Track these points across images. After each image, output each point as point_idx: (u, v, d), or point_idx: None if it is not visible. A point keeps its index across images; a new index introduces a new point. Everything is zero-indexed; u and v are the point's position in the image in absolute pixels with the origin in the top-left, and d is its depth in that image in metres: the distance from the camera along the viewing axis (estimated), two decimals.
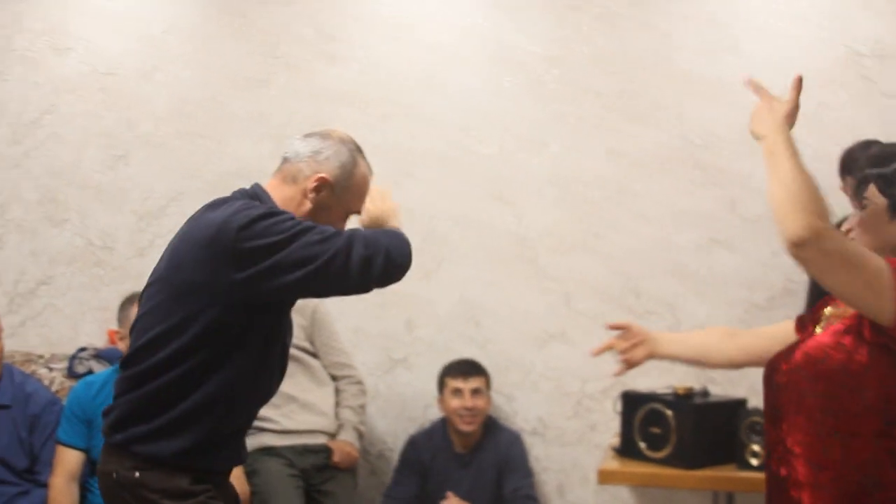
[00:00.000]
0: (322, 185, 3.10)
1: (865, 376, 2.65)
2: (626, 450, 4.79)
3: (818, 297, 5.16)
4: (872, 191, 2.87)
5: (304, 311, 5.22)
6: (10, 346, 5.40)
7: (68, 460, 4.50)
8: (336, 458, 5.15)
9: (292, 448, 5.12)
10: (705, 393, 4.82)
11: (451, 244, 5.70)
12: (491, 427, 5.38)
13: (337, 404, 5.34)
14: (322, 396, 5.29)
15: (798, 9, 5.45)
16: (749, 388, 5.05)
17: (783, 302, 5.29)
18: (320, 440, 5.20)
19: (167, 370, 2.92)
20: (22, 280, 5.98)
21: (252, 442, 5.11)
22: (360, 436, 5.35)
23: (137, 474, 2.91)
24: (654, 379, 5.09)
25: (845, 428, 2.66)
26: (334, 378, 5.37)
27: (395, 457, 5.58)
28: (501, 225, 5.68)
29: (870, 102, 5.36)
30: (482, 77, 5.73)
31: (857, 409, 2.65)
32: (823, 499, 2.67)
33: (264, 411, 5.14)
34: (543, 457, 5.60)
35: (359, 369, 5.48)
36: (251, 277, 2.85)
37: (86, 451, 4.50)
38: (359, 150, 3.24)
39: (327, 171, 3.11)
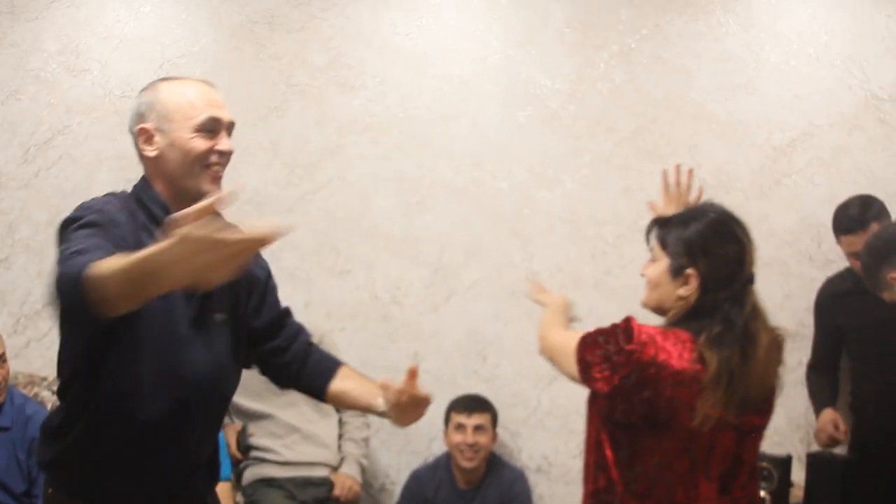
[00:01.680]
0: (142, 133, 2.88)
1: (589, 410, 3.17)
2: None
3: (827, 342, 5.14)
4: (656, 247, 3.05)
5: None
6: (14, 367, 5.36)
7: None
8: (338, 491, 5.11)
9: (293, 480, 5.08)
10: None
11: (461, 277, 5.66)
12: (495, 464, 5.33)
13: (340, 436, 5.31)
14: (325, 428, 5.25)
15: (816, 50, 5.42)
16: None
17: (793, 346, 5.22)
18: (322, 473, 5.16)
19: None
20: (28, 301, 5.94)
21: (253, 473, 5.09)
22: (363, 469, 5.31)
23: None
24: None
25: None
26: (338, 410, 5.33)
27: (397, 491, 5.53)
28: (512, 260, 5.64)
29: (888, 146, 5.34)
30: (497, 110, 5.71)
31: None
32: None
33: (266, 441, 5.13)
34: (548, 495, 5.55)
35: None
36: None
37: None
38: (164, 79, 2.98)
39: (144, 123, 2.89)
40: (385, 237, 5.69)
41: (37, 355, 5.88)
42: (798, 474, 4.79)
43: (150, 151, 2.85)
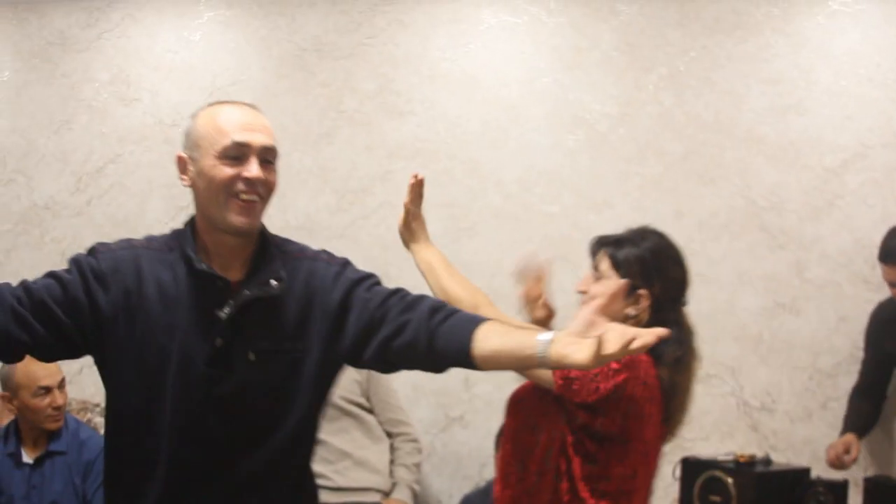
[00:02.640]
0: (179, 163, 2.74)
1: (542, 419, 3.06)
2: None
3: (875, 368, 5.08)
4: (606, 266, 3.18)
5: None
6: (68, 393, 5.39)
7: None
8: None
9: None
10: (767, 461, 4.71)
11: (511, 302, 5.63)
12: None
13: (391, 462, 5.29)
14: (377, 453, 5.24)
15: (867, 70, 5.38)
16: (812, 455, 4.95)
17: (849, 369, 5.19)
18: (374, 498, 5.14)
19: None
20: None
21: None
22: (414, 495, 5.29)
23: None
24: (715, 445, 5.00)
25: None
26: (389, 435, 5.32)
27: None
28: (562, 284, 5.61)
29: None
30: (545, 134, 5.70)
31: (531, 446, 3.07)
32: None
33: (318, 467, 5.12)
34: None
35: (414, 426, 5.42)
36: None
37: None
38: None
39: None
40: None
41: (90, 381, 5.90)
42: (855, 499, 4.74)
43: (184, 181, 2.72)
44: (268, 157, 2.70)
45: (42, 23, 6.39)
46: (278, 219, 5.83)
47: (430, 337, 2.55)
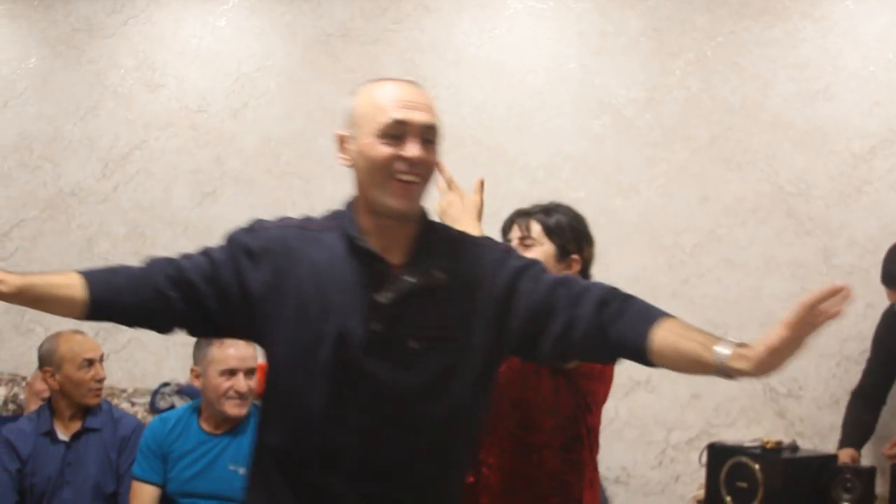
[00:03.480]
0: (338, 141, 2.70)
1: (556, 399, 3.07)
2: (712, 503, 4.68)
3: (879, 370, 5.03)
4: (538, 232, 3.24)
5: None
6: None
7: (144, 496, 4.48)
8: None
9: None
10: (794, 447, 4.69)
11: None
12: None
13: None
14: None
15: (895, 55, 5.34)
16: (838, 442, 4.92)
17: None
18: None
19: None
20: None
21: None
22: None
23: None
24: (742, 432, 4.98)
25: (540, 442, 3.08)
26: None
27: None
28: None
29: None
30: (571, 119, 5.68)
31: (550, 427, 3.08)
32: (516, 501, 3.07)
33: None
34: None
35: None
36: None
37: (161, 486, 4.50)
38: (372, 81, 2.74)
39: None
40: None
41: (116, 367, 5.94)
42: (882, 486, 4.72)
43: (344, 161, 2.67)
44: (429, 136, 2.59)
45: (68, 9, 6.41)
46: (303, 203, 5.84)
47: (604, 331, 2.47)
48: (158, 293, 2.52)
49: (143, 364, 5.96)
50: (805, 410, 5.28)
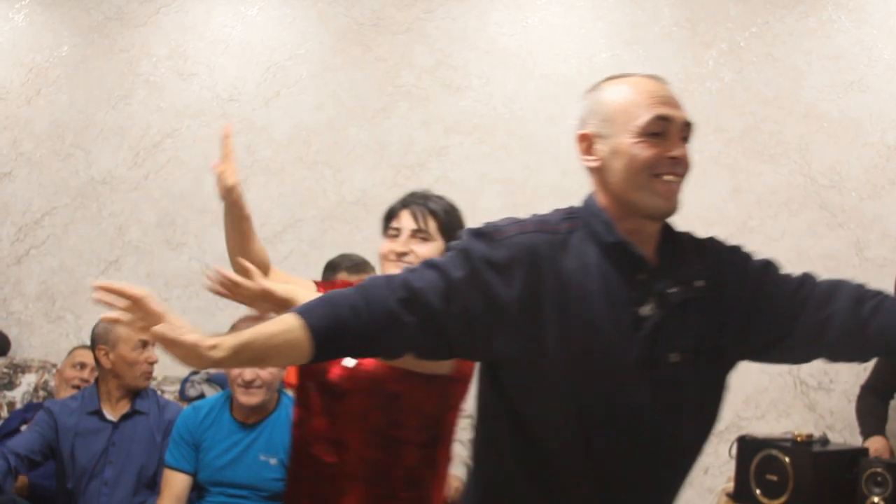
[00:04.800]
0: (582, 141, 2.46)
1: (427, 401, 3.07)
2: (741, 495, 4.65)
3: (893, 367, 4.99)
4: (435, 228, 3.19)
5: None
6: None
7: (175, 484, 4.52)
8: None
9: None
10: (825, 440, 4.65)
11: None
12: None
13: None
14: None
15: None
16: None
17: None
18: None
19: None
20: None
21: None
22: (468, 468, 5.28)
23: None
24: (772, 424, 4.96)
25: (403, 437, 3.09)
26: None
27: None
28: None
29: None
30: None
31: (415, 425, 3.09)
32: (370, 491, 3.08)
33: None
34: None
35: (467, 402, 5.40)
36: None
37: (192, 474, 4.52)
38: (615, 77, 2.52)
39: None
40: None
41: None
42: None
43: (591, 161, 2.42)
44: (686, 134, 2.45)
45: None
46: (333, 193, 5.85)
47: (864, 327, 2.35)
48: (392, 319, 2.26)
49: None
50: (835, 403, 5.25)
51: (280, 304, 2.60)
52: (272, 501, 4.25)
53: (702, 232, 2.51)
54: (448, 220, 3.24)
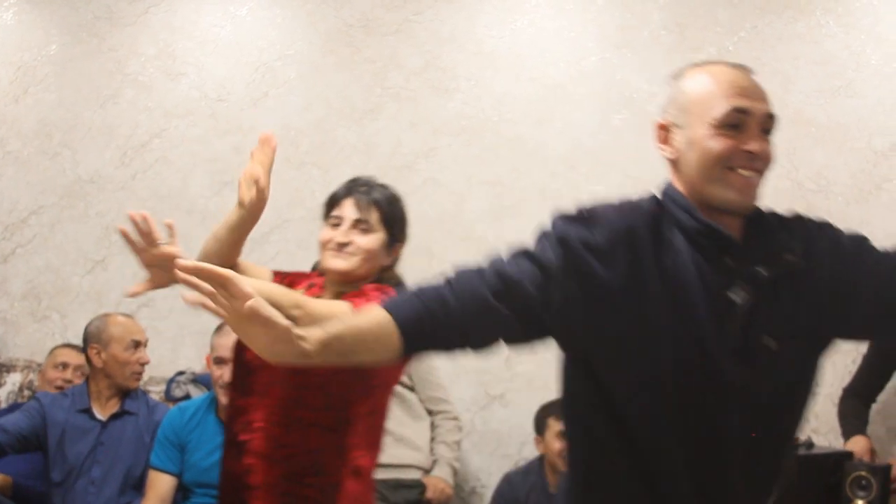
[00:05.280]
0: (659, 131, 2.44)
1: (333, 380, 3.03)
2: None
3: (881, 370, 4.98)
4: (377, 219, 3.25)
5: None
6: None
7: (160, 485, 4.52)
8: (430, 494, 5.09)
9: (385, 482, 5.06)
10: (809, 444, 4.67)
11: None
12: None
13: (432, 439, 5.28)
14: (417, 431, 5.24)
15: None
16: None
17: None
18: (414, 475, 5.14)
19: None
20: (123, 301, 6.00)
21: None
22: (455, 472, 5.29)
23: None
24: None
25: (307, 418, 3.07)
26: (430, 412, 5.31)
27: (488, 494, 5.50)
28: None
29: None
30: (592, 113, 5.67)
31: (320, 406, 3.07)
32: (275, 471, 3.07)
33: None
34: None
35: (455, 405, 5.41)
36: None
37: (177, 476, 4.51)
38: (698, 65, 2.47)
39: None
40: (478, 240, 5.67)
41: None
42: None
43: (668, 152, 2.40)
44: (768, 126, 2.38)
45: None
46: (321, 194, 5.79)
47: None
48: (486, 311, 2.20)
49: (159, 352, 5.95)
50: (820, 407, 5.25)
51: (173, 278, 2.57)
52: None
53: None
54: (391, 211, 3.29)
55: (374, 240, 3.24)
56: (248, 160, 3.16)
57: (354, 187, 3.32)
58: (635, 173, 5.56)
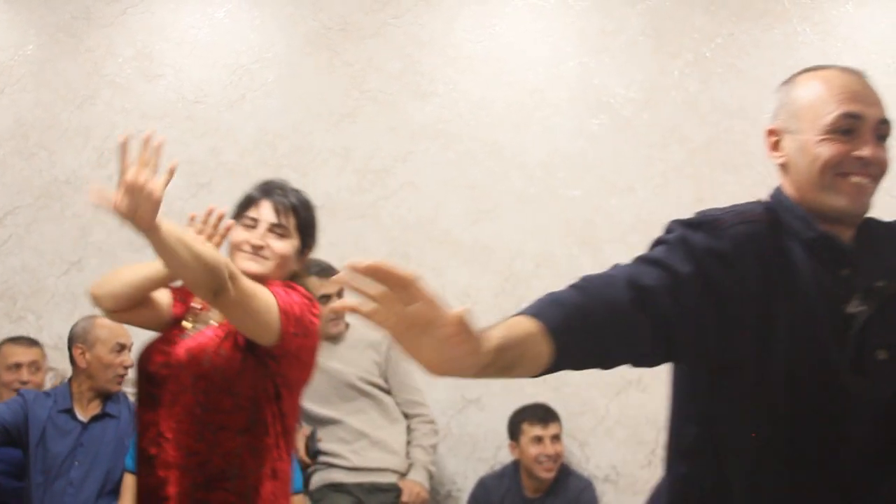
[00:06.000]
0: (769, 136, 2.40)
1: (239, 380, 3.07)
2: None
3: None
4: (294, 226, 3.27)
5: (378, 347, 5.18)
6: None
7: (135, 487, 4.52)
8: (405, 497, 5.09)
9: (361, 486, 5.06)
10: None
11: (531, 286, 5.63)
12: (563, 473, 5.28)
13: (408, 443, 5.28)
14: (394, 434, 5.23)
15: (895, 60, 5.34)
16: None
17: None
18: (390, 479, 5.13)
19: None
20: None
21: (321, 478, 5.08)
22: (430, 476, 5.29)
23: None
24: None
25: (217, 422, 3.06)
26: (406, 416, 5.31)
27: (463, 497, 5.51)
28: (583, 268, 5.57)
29: None
30: (569, 118, 5.68)
31: (228, 407, 3.07)
32: (188, 479, 3.06)
33: (335, 447, 5.12)
34: None
35: (431, 408, 5.41)
36: None
37: None
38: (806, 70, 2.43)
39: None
40: (455, 244, 5.68)
41: None
42: None
43: (777, 158, 2.34)
44: (883, 132, 2.27)
45: None
46: None
47: None
48: (623, 320, 2.08)
49: None
50: None
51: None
52: None
53: None
54: (306, 217, 3.31)
55: (288, 245, 3.26)
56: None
57: (271, 190, 3.34)
58: (612, 178, 5.59)
